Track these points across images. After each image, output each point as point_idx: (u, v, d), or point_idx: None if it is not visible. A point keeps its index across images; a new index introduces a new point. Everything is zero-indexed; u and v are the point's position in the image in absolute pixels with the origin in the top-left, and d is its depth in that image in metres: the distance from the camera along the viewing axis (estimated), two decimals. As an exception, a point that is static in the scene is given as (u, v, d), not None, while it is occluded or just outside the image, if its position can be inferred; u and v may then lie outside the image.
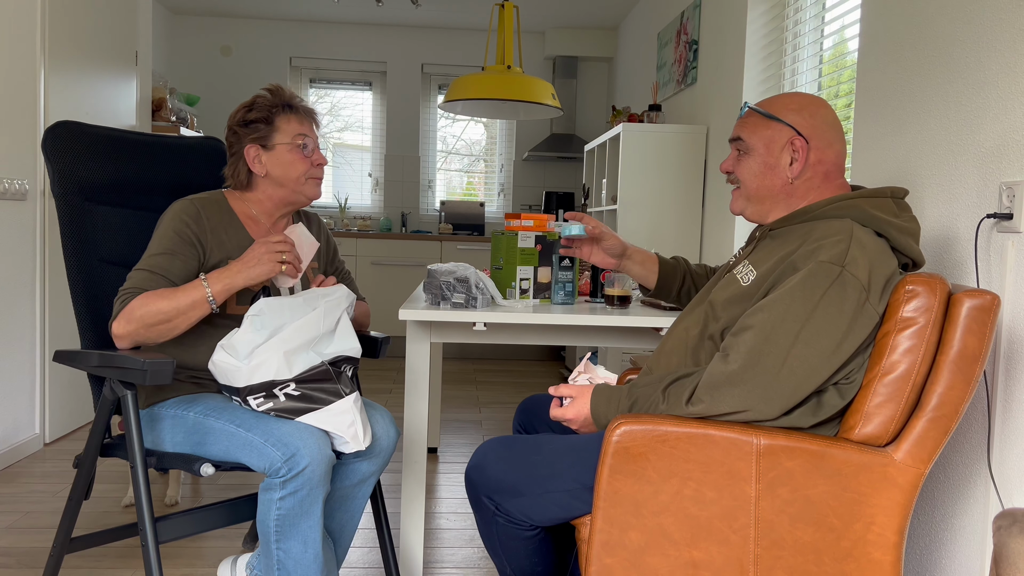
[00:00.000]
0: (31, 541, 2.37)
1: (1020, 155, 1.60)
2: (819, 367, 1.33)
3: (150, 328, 1.59)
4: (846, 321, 1.33)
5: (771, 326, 1.33)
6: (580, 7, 5.57)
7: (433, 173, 6.46)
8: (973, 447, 1.71)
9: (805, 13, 2.95)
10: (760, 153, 1.53)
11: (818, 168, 1.50)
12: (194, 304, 1.61)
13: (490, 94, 2.92)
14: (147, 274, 1.65)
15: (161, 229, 1.71)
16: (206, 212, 1.76)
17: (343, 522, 1.84)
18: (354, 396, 1.65)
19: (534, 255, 2.17)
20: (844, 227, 1.39)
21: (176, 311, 1.60)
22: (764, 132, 1.53)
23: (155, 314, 1.59)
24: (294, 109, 1.83)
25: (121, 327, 1.59)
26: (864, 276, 1.34)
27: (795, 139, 1.49)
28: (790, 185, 1.51)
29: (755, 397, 1.33)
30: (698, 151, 3.75)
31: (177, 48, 6.11)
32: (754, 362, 1.33)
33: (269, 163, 1.80)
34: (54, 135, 1.80)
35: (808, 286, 1.33)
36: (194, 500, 2.75)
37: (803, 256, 1.38)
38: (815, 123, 1.50)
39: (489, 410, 4.26)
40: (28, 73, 3.16)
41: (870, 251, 1.36)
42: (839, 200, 1.46)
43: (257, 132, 1.79)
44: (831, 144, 1.50)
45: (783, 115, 1.51)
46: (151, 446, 1.69)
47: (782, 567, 1.37)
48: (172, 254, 1.68)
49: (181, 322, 1.61)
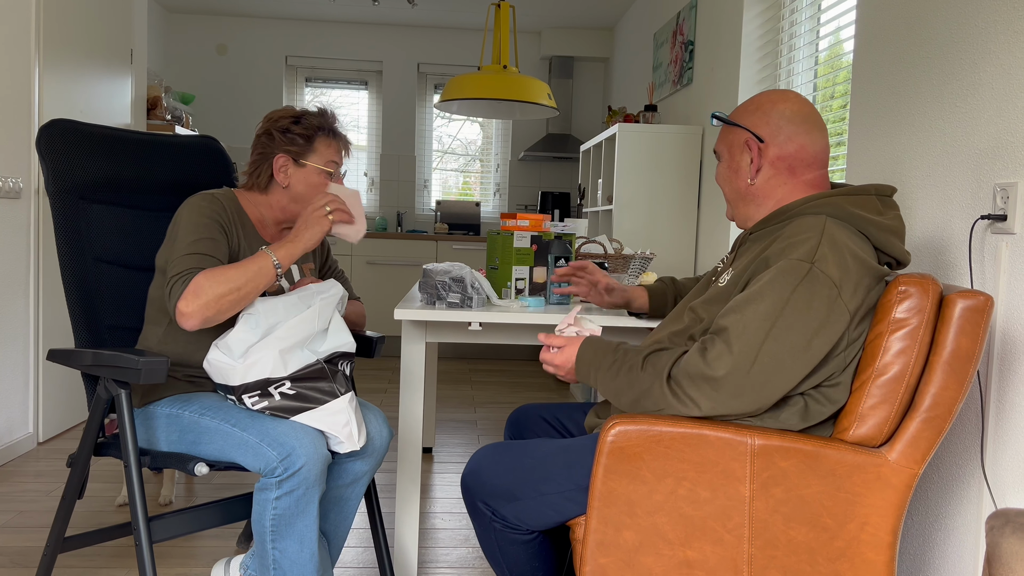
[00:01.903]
0: (24, 540, 2.36)
1: (1014, 157, 1.61)
2: (789, 364, 1.32)
3: (221, 299, 1.56)
4: (816, 318, 1.32)
5: (743, 325, 1.33)
6: (576, 7, 5.57)
7: (429, 173, 6.46)
8: (966, 448, 1.71)
9: (801, 14, 2.95)
10: (726, 158, 1.57)
11: (779, 164, 1.50)
12: (261, 270, 1.61)
13: (486, 94, 2.92)
14: (195, 256, 1.62)
15: (192, 219, 1.68)
16: (225, 206, 1.76)
17: (337, 522, 1.84)
18: (349, 396, 1.65)
19: (530, 255, 2.17)
20: (816, 224, 1.39)
21: (245, 279, 1.58)
22: (728, 138, 1.56)
23: (224, 283, 1.56)
24: (336, 136, 1.86)
25: (189, 304, 1.54)
26: (835, 273, 1.33)
27: (749, 139, 1.51)
28: (752, 186, 1.52)
29: (726, 393, 1.33)
30: (694, 152, 3.75)
31: (172, 46, 6.10)
32: (726, 361, 1.32)
33: (295, 178, 1.80)
34: (48, 133, 1.80)
35: (777, 284, 1.33)
36: (188, 499, 2.74)
37: (775, 253, 1.38)
38: (769, 119, 1.49)
39: (484, 410, 4.26)
40: (23, 71, 3.15)
41: (842, 248, 1.36)
42: (817, 198, 1.45)
43: (295, 145, 1.79)
44: (791, 138, 1.48)
45: (739, 118, 1.54)
46: (145, 445, 1.69)
47: (776, 567, 1.38)
48: (212, 239, 1.66)
49: (250, 290, 1.60)
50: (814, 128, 1.50)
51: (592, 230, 4.49)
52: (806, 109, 1.50)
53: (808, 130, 1.49)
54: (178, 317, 1.56)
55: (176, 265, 1.60)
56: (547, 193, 6.15)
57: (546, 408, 1.88)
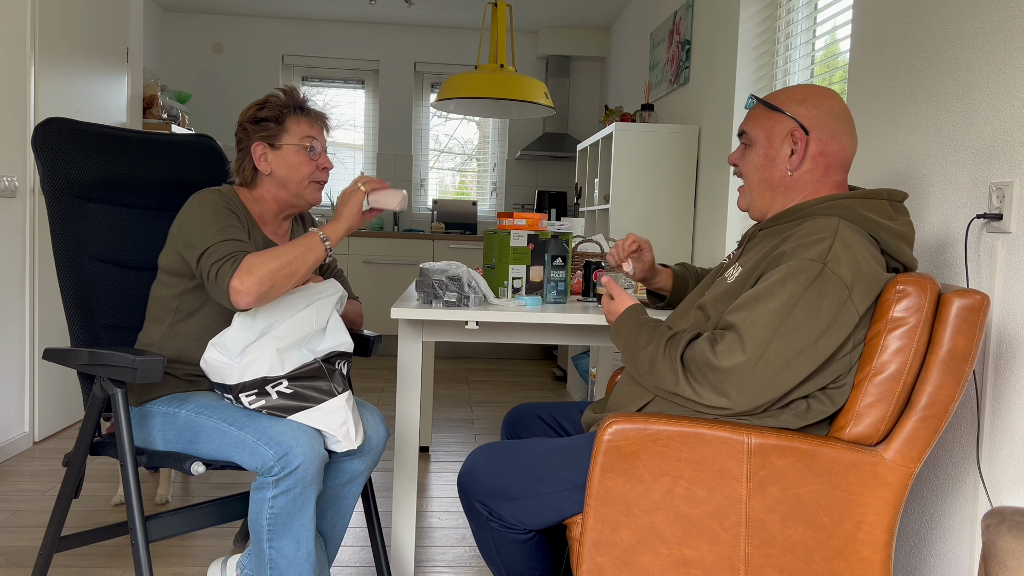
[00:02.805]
0: (20, 540, 2.35)
1: (1010, 156, 1.61)
2: (795, 362, 1.33)
3: (275, 273, 1.56)
4: (825, 319, 1.32)
5: (751, 321, 1.33)
6: (573, 6, 5.57)
7: (425, 172, 6.46)
8: (962, 446, 1.72)
9: (797, 13, 2.96)
10: (762, 144, 1.52)
11: (819, 160, 1.49)
12: (310, 247, 1.61)
13: (483, 93, 2.92)
14: (230, 242, 1.61)
15: (206, 212, 1.67)
16: (232, 200, 1.75)
17: (334, 521, 1.84)
18: (346, 395, 1.65)
19: (526, 254, 2.17)
20: (830, 225, 1.38)
21: (295, 254, 1.59)
22: (766, 123, 1.52)
23: (276, 258, 1.57)
24: (305, 111, 1.83)
25: (244, 281, 1.54)
26: (847, 275, 1.33)
27: (795, 130, 1.48)
28: (789, 177, 1.50)
29: (731, 386, 1.33)
30: (690, 151, 3.75)
31: (168, 45, 6.09)
32: (734, 355, 1.33)
33: (275, 162, 1.79)
34: (44, 132, 1.79)
35: (789, 283, 1.33)
36: (184, 499, 2.74)
37: (787, 252, 1.38)
38: (818, 113, 1.48)
39: (481, 409, 4.26)
40: (18, 69, 3.14)
41: (855, 250, 1.36)
42: (831, 199, 1.46)
43: (267, 130, 1.78)
44: (835, 136, 1.48)
45: (786, 106, 1.50)
46: (142, 444, 1.69)
47: (772, 565, 1.38)
48: (236, 227, 1.67)
49: (301, 265, 1.60)
50: (852, 130, 1.51)
51: (589, 229, 4.50)
52: (848, 110, 1.51)
53: (851, 131, 1.50)
54: (232, 295, 1.54)
55: (215, 251, 1.59)
56: (544, 192, 6.15)
57: (543, 407, 1.88)
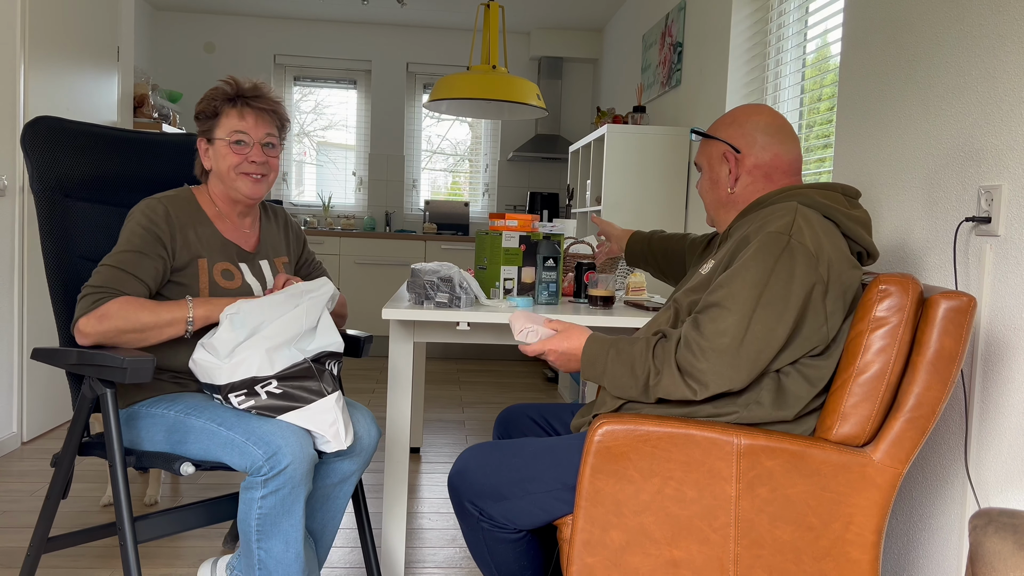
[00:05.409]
0: (8, 541, 2.34)
1: (998, 159, 1.62)
2: (777, 330, 1.36)
3: (122, 334, 1.56)
4: (799, 285, 1.37)
5: (732, 297, 1.37)
6: (565, 8, 5.58)
7: (418, 172, 6.45)
8: (950, 448, 1.73)
9: (789, 16, 2.97)
10: (706, 170, 1.66)
11: (756, 172, 1.59)
12: (172, 322, 1.60)
13: (475, 94, 2.92)
14: (118, 272, 1.61)
15: (129, 227, 1.67)
16: (174, 210, 1.72)
17: (324, 521, 1.83)
18: (336, 395, 1.65)
19: (518, 255, 2.17)
20: (789, 206, 1.45)
21: (154, 325, 1.59)
22: (707, 150, 1.66)
23: (133, 322, 1.56)
24: (245, 103, 1.75)
25: (92, 326, 1.55)
26: (811, 244, 1.39)
27: (727, 152, 1.60)
28: (731, 194, 1.62)
29: (724, 364, 1.35)
30: (682, 153, 3.77)
31: (160, 44, 6.06)
32: (721, 333, 1.36)
33: (214, 157, 1.77)
34: (33, 131, 1.78)
35: (760, 255, 1.38)
36: (174, 499, 2.73)
37: (753, 233, 1.44)
38: (745, 131, 1.59)
39: (472, 410, 4.26)
40: (7, 68, 3.12)
41: (815, 225, 1.42)
42: (787, 189, 1.54)
43: (205, 125, 1.77)
44: (766, 147, 1.58)
45: (717, 131, 1.64)
46: (130, 445, 1.68)
47: (762, 566, 1.38)
48: (141, 252, 1.64)
49: (152, 337, 1.60)
50: (787, 139, 1.60)
51: (581, 231, 4.50)
52: (779, 121, 1.61)
53: (782, 140, 1.59)
54: (75, 331, 1.56)
55: (97, 275, 1.60)
56: (536, 193, 6.15)
57: (534, 408, 1.89)
